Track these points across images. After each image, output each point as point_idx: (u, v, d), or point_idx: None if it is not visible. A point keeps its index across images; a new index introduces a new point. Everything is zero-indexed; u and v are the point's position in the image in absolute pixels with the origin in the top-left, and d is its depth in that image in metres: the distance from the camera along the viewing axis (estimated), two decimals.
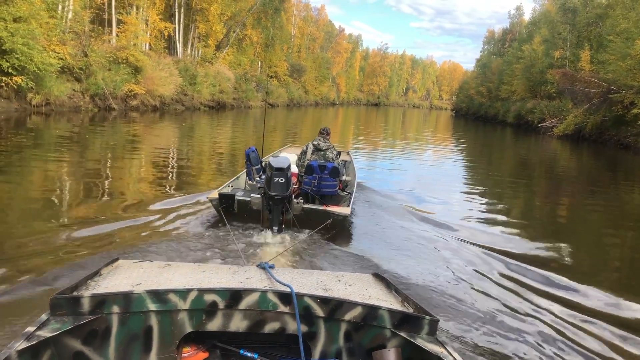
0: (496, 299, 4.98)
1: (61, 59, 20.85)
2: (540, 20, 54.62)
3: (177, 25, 39.70)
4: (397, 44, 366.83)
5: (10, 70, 17.78)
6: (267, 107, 45.66)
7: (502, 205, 10.91)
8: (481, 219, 9.12)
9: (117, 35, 28.34)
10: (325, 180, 6.95)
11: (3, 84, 18.12)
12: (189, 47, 42.92)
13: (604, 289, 5.50)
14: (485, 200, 11.24)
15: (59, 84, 20.86)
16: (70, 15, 25.46)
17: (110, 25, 30.63)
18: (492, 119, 59.38)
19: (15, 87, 18.35)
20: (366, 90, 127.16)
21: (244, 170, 7.69)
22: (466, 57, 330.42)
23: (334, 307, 2.55)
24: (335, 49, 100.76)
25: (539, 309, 4.79)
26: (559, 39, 44.82)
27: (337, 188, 7.17)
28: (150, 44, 38.56)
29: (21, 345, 2.02)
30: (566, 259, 6.92)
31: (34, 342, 2.07)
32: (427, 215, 8.51)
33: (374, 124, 45.07)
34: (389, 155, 19.48)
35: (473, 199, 11.11)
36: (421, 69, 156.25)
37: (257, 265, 3.08)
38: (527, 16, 71.27)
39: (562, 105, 37.13)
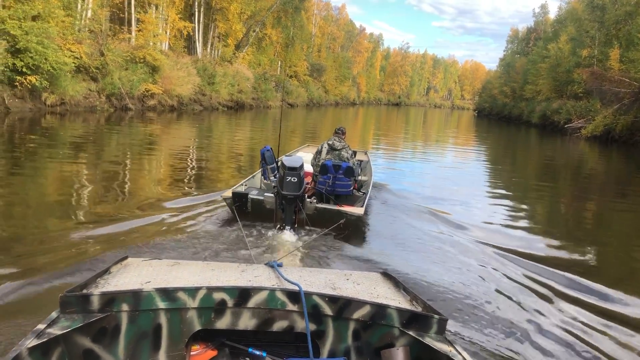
0: (511, 301, 4.86)
1: (77, 58, 20.58)
2: (566, 18, 53.22)
3: (197, 25, 39.47)
4: (418, 44, 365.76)
5: (24, 70, 17.52)
6: (283, 106, 46.11)
7: (524, 207, 10.53)
8: (501, 220, 8.84)
9: (134, 34, 28.01)
10: (339, 180, 6.94)
11: (17, 84, 17.84)
12: (209, 46, 42.74)
13: (629, 294, 5.31)
14: (506, 201, 10.89)
15: (74, 83, 20.58)
16: (89, 14, 25.32)
17: (129, 24, 30.43)
18: (516, 120, 58.23)
19: (30, 86, 18.06)
20: (387, 89, 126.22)
21: (260, 170, 7.64)
22: (488, 56, 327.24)
23: (342, 305, 2.54)
24: (356, 48, 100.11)
25: (556, 313, 4.68)
26: (586, 37, 43.49)
27: (351, 188, 7.14)
28: (169, 44, 38.64)
29: (32, 342, 2.03)
30: (590, 262, 6.75)
31: (44, 340, 2.08)
32: (444, 216, 8.37)
33: (395, 124, 44.41)
34: (409, 155, 19.22)
35: (494, 200, 10.86)
36: (443, 68, 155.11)
37: (266, 264, 3.09)
38: (552, 14, 69.84)
39: (590, 105, 36.06)
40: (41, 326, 2.16)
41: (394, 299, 2.73)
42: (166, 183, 9.55)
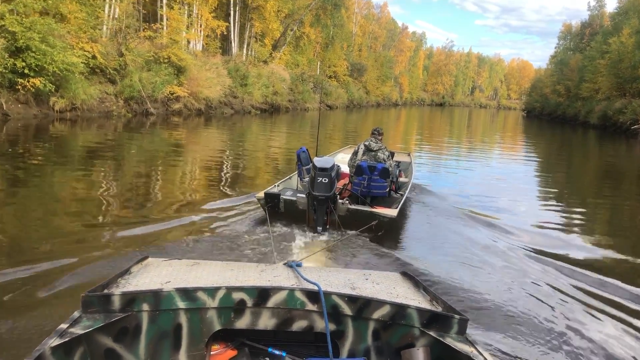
0: (543, 308, 4.68)
1: (91, 58, 18.71)
2: (629, 10, 48.98)
3: (232, 24, 38.06)
4: (461, 43, 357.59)
5: (26, 71, 15.62)
6: (322, 107, 44.27)
7: (575, 215, 9.75)
8: (547, 227, 8.22)
9: (158, 32, 26.09)
10: (375, 182, 6.89)
11: (19, 87, 15.95)
12: (244, 46, 41.13)
13: None
14: (556, 207, 10.38)
15: (87, 86, 18.67)
16: (117, 14, 23.62)
17: (161, 20, 28.55)
18: (571, 120, 54.75)
19: (33, 90, 16.13)
20: (430, 89, 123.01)
21: (297, 171, 7.65)
22: (534, 55, 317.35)
23: (362, 305, 2.53)
24: (398, 47, 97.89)
25: (590, 321, 4.50)
26: None
27: (387, 189, 7.07)
28: (203, 44, 37.22)
29: (54, 342, 2.06)
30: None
31: (67, 339, 2.11)
32: (485, 219, 8.09)
33: (438, 126, 42.44)
34: (453, 158, 18.45)
35: (542, 206, 10.51)
36: (488, 67, 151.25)
37: (285, 264, 3.10)
38: (609, 7, 65.32)
39: None
40: (64, 326, 2.19)
41: (414, 299, 2.72)
42: (198, 187, 9.55)
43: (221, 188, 9.40)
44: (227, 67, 30.17)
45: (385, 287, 2.86)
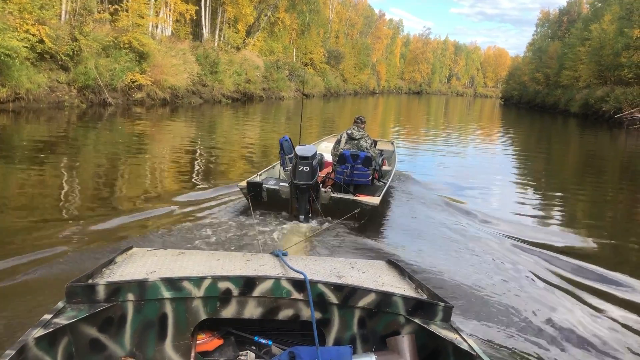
0: (521, 292, 4.78)
1: (40, 41, 16.73)
2: None
3: (203, 9, 36.09)
4: (437, 31, 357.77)
5: None
6: (299, 95, 42.72)
7: (554, 202, 9.90)
8: (525, 214, 8.39)
9: (117, 14, 24.00)
10: (357, 170, 6.89)
11: None
12: (217, 32, 39.13)
13: None
14: (534, 195, 10.57)
15: (34, 73, 16.67)
16: None
17: (120, 1, 26.36)
18: (550, 108, 54.18)
19: None
20: (407, 78, 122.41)
21: (279, 160, 7.64)
22: (508, 43, 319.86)
23: (348, 294, 2.54)
24: (375, 34, 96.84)
25: (567, 305, 4.61)
26: (637, 15, 38.48)
27: (370, 177, 7.08)
28: (172, 30, 35.22)
29: (38, 332, 2.04)
30: (614, 256, 6.47)
31: (51, 330, 2.09)
32: (463, 207, 8.17)
33: (416, 114, 41.60)
34: (432, 146, 18.37)
35: (522, 194, 10.53)
36: (464, 55, 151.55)
37: (271, 253, 3.09)
38: None
39: None
40: (47, 316, 2.17)
41: (399, 287, 2.74)
42: (170, 179, 9.19)
43: (194, 180, 9.13)
44: (195, 53, 28.20)
45: (371, 275, 2.89)
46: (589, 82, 45.11)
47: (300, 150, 6.06)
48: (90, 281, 2.41)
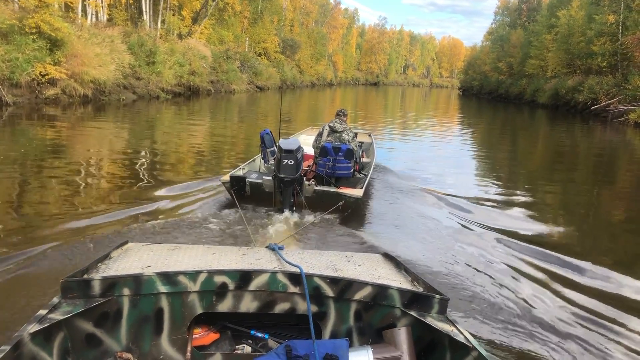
0: (509, 282, 4.90)
1: None
2: None
3: None
4: (390, 22, 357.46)
5: None
6: (251, 89, 38.91)
7: (525, 192, 9.85)
8: (499, 202, 8.68)
9: None
10: (339, 162, 6.98)
11: None
12: (159, 20, 35.00)
13: (635, 277, 5.26)
14: (506, 184, 10.63)
15: None
16: None
17: None
18: (515, 99, 52.61)
19: None
20: (364, 68, 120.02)
21: (260, 153, 7.74)
22: (459, 33, 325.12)
23: (344, 287, 2.54)
24: (331, 24, 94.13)
25: (554, 294, 4.71)
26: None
27: (352, 170, 7.17)
28: (108, 15, 31.03)
29: (33, 328, 2.04)
30: (596, 247, 6.61)
31: (46, 325, 2.09)
32: (444, 197, 8.30)
33: (374, 107, 39.77)
34: (395, 138, 17.96)
35: (481, 181, 10.90)
36: (420, 45, 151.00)
37: (267, 247, 3.07)
38: None
39: (622, 81, 29.78)
40: (43, 311, 2.17)
41: (395, 280, 2.74)
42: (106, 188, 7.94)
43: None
44: (127, 41, 23.99)
45: (367, 268, 2.88)
46: (557, 72, 43.14)
47: (284, 143, 6.05)
48: (85, 276, 2.41)
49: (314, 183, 6.65)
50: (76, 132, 13.81)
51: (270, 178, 6.37)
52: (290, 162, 5.89)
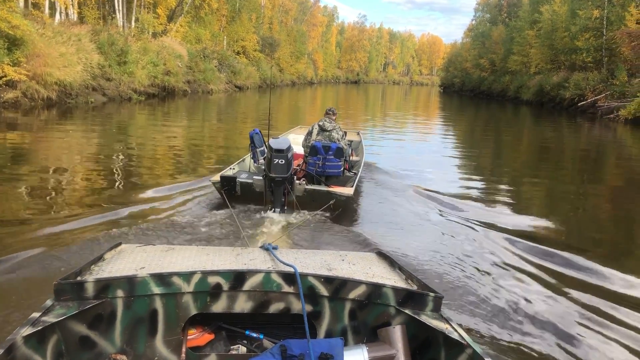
0: (500, 277, 4.90)
1: None
2: None
3: None
4: (368, 20, 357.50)
5: None
6: (230, 89, 37.67)
7: (513, 187, 10.07)
8: (486, 198, 8.80)
9: None
10: (329, 161, 6.99)
11: None
12: (133, 18, 33.65)
13: (628, 273, 5.22)
14: (492, 179, 10.79)
15: None
16: None
17: None
18: (498, 96, 52.44)
19: None
20: (345, 67, 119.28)
21: (250, 153, 7.73)
22: (437, 31, 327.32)
23: (338, 286, 2.53)
24: (310, 21, 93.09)
25: (547, 290, 4.69)
26: None
27: (342, 169, 7.19)
28: (78, 13, 29.73)
29: (27, 331, 2.01)
30: (583, 240, 6.64)
31: (40, 328, 2.06)
32: (432, 194, 8.32)
33: (355, 105, 39.24)
34: (379, 136, 17.71)
35: (479, 177, 10.88)
36: (399, 43, 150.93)
37: (261, 247, 3.07)
38: None
39: (608, 76, 29.49)
40: (36, 314, 2.14)
41: (390, 278, 2.74)
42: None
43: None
44: (97, 39, 22.59)
45: (361, 267, 2.87)
46: (540, 68, 42.68)
47: (274, 143, 6.03)
48: (78, 278, 2.38)
49: (304, 182, 6.69)
50: (42, 136, 12.79)
51: (260, 178, 6.34)
52: (281, 161, 5.88)
